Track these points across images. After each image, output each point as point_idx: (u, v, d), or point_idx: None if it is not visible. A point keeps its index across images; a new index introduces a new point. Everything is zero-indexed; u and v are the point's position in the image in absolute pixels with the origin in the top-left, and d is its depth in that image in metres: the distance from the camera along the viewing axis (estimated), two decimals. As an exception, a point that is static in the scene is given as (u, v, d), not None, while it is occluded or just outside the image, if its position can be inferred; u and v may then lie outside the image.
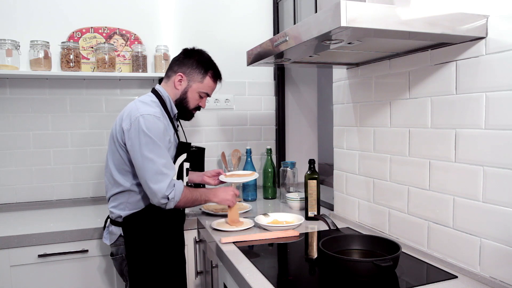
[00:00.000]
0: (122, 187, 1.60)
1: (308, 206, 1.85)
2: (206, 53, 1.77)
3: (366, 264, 1.18)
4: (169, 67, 1.74)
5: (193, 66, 1.69)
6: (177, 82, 1.69)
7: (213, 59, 1.76)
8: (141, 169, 1.52)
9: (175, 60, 1.73)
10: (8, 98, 2.23)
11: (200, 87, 1.71)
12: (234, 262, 1.34)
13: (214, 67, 1.74)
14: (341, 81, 1.80)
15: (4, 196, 2.25)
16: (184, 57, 1.72)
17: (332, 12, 0.96)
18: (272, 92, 2.71)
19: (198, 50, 1.75)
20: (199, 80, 1.70)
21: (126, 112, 1.59)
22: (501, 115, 1.06)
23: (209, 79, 1.72)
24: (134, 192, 1.61)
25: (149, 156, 1.50)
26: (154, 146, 1.51)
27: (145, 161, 1.50)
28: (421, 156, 1.34)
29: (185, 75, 1.69)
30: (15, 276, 1.76)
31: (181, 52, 1.76)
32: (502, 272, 1.08)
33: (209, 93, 1.76)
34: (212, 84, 1.74)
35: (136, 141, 1.51)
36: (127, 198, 1.61)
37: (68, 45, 2.16)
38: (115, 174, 1.61)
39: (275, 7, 2.64)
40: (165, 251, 1.65)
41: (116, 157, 1.60)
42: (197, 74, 1.70)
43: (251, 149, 2.41)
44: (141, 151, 1.50)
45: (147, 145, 1.50)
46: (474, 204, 1.15)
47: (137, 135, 1.51)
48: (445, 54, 1.23)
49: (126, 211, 1.61)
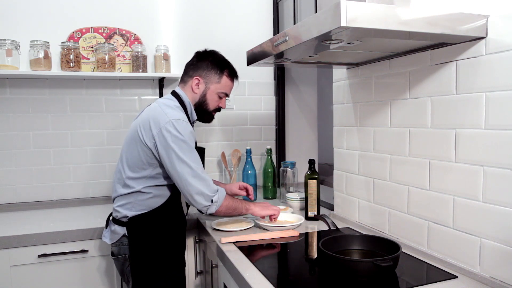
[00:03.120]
0: (132, 188, 1.59)
1: (308, 206, 1.85)
2: (219, 53, 1.76)
3: (366, 264, 1.18)
4: (184, 72, 1.74)
5: (209, 68, 1.69)
6: (194, 86, 1.69)
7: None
8: (180, 174, 1.51)
9: (189, 64, 1.73)
10: (8, 98, 2.23)
11: (218, 87, 1.70)
12: (234, 262, 1.34)
13: (229, 66, 1.73)
14: (341, 81, 1.80)
15: (4, 196, 2.25)
16: (198, 60, 1.71)
17: (332, 12, 0.96)
18: (272, 92, 2.71)
19: (211, 51, 1.75)
20: (216, 81, 1.70)
21: (152, 115, 1.57)
22: (501, 115, 1.06)
23: (226, 78, 1.71)
24: (143, 194, 1.60)
25: (187, 161, 1.50)
26: (190, 151, 1.53)
27: (183, 166, 1.50)
28: (421, 156, 1.34)
29: (202, 77, 1.69)
30: (15, 276, 1.76)
31: (194, 55, 1.75)
32: (502, 272, 1.08)
33: (227, 93, 1.75)
34: (229, 83, 1.74)
35: (171, 147, 1.50)
36: (135, 198, 1.60)
37: (68, 45, 2.16)
38: (128, 175, 1.59)
39: (275, 7, 2.64)
40: (167, 253, 1.65)
41: (133, 157, 1.59)
42: (213, 75, 1.69)
43: (251, 149, 2.41)
44: (178, 156, 1.50)
45: (182, 150, 1.51)
46: (474, 204, 1.15)
47: (171, 140, 1.50)
48: (445, 54, 1.23)
49: (133, 212, 1.60)
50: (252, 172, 2.36)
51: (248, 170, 2.36)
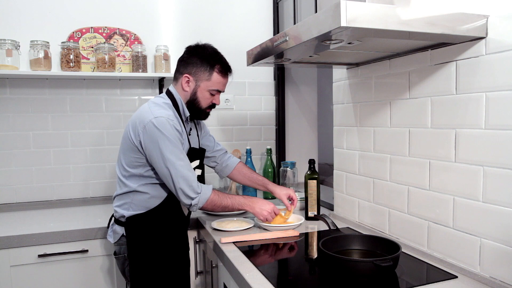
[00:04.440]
0: (128, 187, 1.60)
1: (308, 206, 1.85)
2: (211, 47, 1.67)
3: (366, 264, 1.18)
4: (176, 69, 1.69)
5: (198, 65, 1.62)
6: (184, 84, 1.63)
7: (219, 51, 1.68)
8: (162, 171, 1.51)
9: (180, 60, 1.67)
10: (8, 98, 2.23)
11: (209, 85, 1.63)
12: (234, 262, 1.34)
13: (220, 61, 1.64)
14: (341, 81, 1.80)
15: (4, 196, 2.25)
16: (188, 56, 1.65)
17: (332, 12, 0.96)
18: (272, 92, 2.71)
19: (201, 46, 1.66)
20: (206, 78, 1.62)
21: (139, 114, 1.57)
22: (501, 115, 1.06)
23: (216, 75, 1.63)
24: (139, 193, 1.60)
25: (169, 158, 1.49)
26: (172, 148, 1.50)
27: (167, 163, 1.50)
28: (421, 156, 1.34)
29: (191, 75, 1.62)
30: (15, 276, 1.76)
31: (184, 50, 1.68)
32: (502, 272, 1.08)
33: (220, 89, 1.67)
34: (221, 79, 1.64)
35: (154, 144, 1.50)
36: (131, 198, 1.60)
37: (68, 45, 2.16)
38: (124, 174, 1.61)
39: (275, 7, 2.64)
40: (166, 254, 1.64)
41: (126, 156, 1.60)
42: (203, 72, 1.62)
43: (251, 149, 2.41)
44: (161, 153, 1.49)
45: (164, 147, 1.49)
46: (474, 204, 1.15)
47: (154, 138, 1.50)
48: (445, 54, 1.23)
49: (130, 211, 1.60)
50: (252, 172, 2.36)
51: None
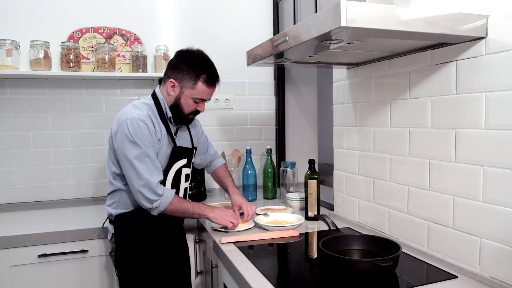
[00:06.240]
0: (115, 186, 1.63)
1: (308, 206, 1.85)
2: (201, 53, 1.63)
3: (366, 264, 1.18)
4: (165, 71, 1.66)
5: (184, 71, 1.57)
6: (169, 88, 1.60)
7: (210, 58, 1.63)
8: (126, 173, 1.53)
9: (169, 63, 1.63)
10: (8, 98, 2.23)
11: (193, 93, 1.58)
12: (234, 262, 1.34)
13: (207, 70, 1.58)
14: (341, 81, 1.80)
15: (4, 196, 2.25)
16: (176, 61, 1.60)
17: (332, 12, 0.96)
18: (272, 92, 2.71)
19: (191, 52, 1.62)
20: (191, 86, 1.58)
21: (119, 115, 1.58)
22: (501, 115, 1.06)
23: (201, 84, 1.57)
24: (125, 192, 1.62)
25: (133, 160, 1.49)
26: (138, 151, 1.50)
27: (130, 165, 1.50)
28: (421, 156, 1.34)
29: (177, 81, 1.58)
30: (15, 276, 1.76)
31: (174, 54, 1.64)
32: (502, 272, 1.08)
33: (204, 98, 1.62)
34: (205, 89, 1.59)
35: (121, 144, 1.52)
36: (119, 197, 1.63)
37: (68, 45, 2.16)
38: (110, 173, 1.63)
39: (275, 7, 2.64)
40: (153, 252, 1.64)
41: (111, 156, 1.63)
42: (188, 80, 1.57)
43: (251, 149, 2.41)
44: (126, 155, 1.50)
45: (131, 149, 1.50)
46: (474, 204, 1.15)
47: (122, 138, 1.51)
48: (445, 54, 1.23)
49: (118, 210, 1.63)
50: (252, 172, 2.36)
51: (248, 170, 2.36)
